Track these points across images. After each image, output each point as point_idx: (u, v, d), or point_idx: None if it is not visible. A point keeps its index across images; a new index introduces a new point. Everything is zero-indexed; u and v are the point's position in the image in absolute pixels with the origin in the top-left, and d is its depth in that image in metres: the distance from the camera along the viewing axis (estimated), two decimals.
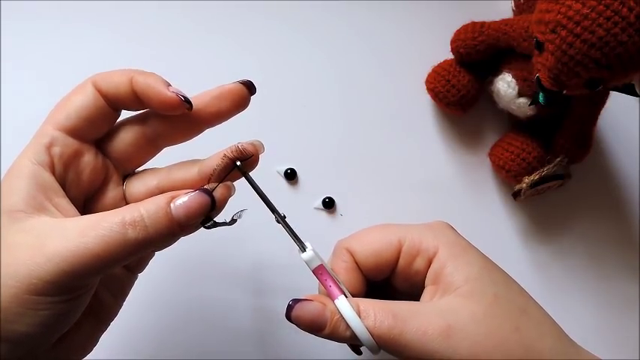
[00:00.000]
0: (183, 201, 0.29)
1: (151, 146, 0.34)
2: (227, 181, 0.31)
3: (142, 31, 0.48)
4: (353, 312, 0.31)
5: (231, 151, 0.31)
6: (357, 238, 0.36)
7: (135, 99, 0.31)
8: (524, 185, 0.45)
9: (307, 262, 0.32)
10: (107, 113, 0.32)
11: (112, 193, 0.33)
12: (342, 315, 0.31)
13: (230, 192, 0.32)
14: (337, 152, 0.48)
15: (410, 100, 0.49)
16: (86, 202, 0.33)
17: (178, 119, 0.32)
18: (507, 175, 0.46)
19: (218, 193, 0.30)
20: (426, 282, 0.34)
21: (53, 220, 0.28)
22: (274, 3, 0.49)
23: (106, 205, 0.33)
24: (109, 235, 0.27)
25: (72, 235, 0.27)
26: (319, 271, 0.32)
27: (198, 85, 0.47)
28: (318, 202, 0.47)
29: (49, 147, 0.30)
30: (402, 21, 0.50)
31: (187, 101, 0.31)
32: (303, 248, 0.32)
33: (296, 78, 0.49)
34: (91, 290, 0.30)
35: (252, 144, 0.32)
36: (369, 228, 0.37)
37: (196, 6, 0.49)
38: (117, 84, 0.31)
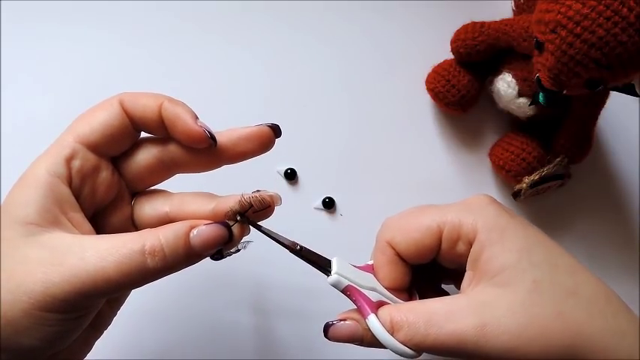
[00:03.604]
0: (202, 230, 0.29)
1: (166, 172, 0.34)
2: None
3: (142, 32, 0.48)
4: (383, 330, 0.31)
5: (250, 198, 0.31)
6: (396, 228, 0.35)
7: (160, 125, 0.31)
8: (524, 185, 0.45)
9: (334, 286, 0.32)
10: (130, 133, 0.32)
11: (121, 210, 0.33)
12: (373, 334, 0.31)
13: (246, 231, 0.32)
14: (337, 152, 0.48)
15: (410, 100, 0.49)
16: (94, 216, 0.32)
17: (200, 152, 0.32)
18: (507, 175, 0.46)
19: (235, 229, 0.31)
20: (467, 266, 0.33)
21: (70, 236, 0.28)
22: (275, 3, 0.49)
23: (114, 222, 0.33)
24: (128, 263, 0.27)
25: (91, 258, 0.27)
26: (347, 292, 0.32)
27: (199, 86, 0.47)
28: (318, 202, 0.47)
29: (69, 160, 0.30)
30: (402, 21, 0.50)
31: (212, 137, 0.31)
32: (327, 273, 0.32)
33: (296, 78, 0.49)
34: (99, 307, 0.30)
35: (270, 195, 0.32)
36: (407, 213, 0.36)
37: (196, 6, 0.49)
38: (144, 107, 0.31)
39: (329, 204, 0.47)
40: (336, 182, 0.48)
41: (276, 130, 0.33)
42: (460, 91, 0.46)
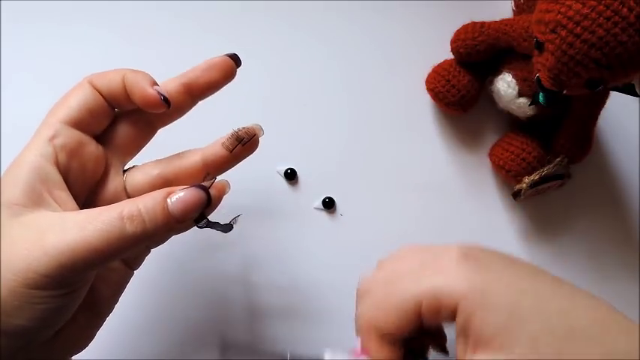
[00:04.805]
0: (180, 196, 0.29)
1: (148, 127, 0.35)
2: (237, 156, 0.34)
3: (141, 31, 0.48)
4: None
5: (235, 132, 0.33)
6: (375, 308, 0.32)
7: (127, 96, 0.33)
8: (524, 185, 0.45)
9: None
10: (105, 108, 0.33)
11: (112, 184, 0.34)
12: None
13: (225, 189, 0.33)
14: (337, 152, 0.48)
15: (410, 100, 0.49)
16: (88, 194, 0.33)
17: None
18: (507, 175, 0.46)
19: (214, 190, 0.31)
20: (456, 332, 0.31)
21: (52, 214, 0.29)
22: (275, 3, 0.49)
23: (108, 196, 0.33)
24: (108, 229, 0.28)
25: (71, 229, 0.27)
26: None
27: None
28: (318, 202, 0.47)
29: (52, 139, 0.31)
30: (402, 21, 0.50)
31: (166, 101, 0.32)
32: None
33: (296, 78, 0.49)
34: (88, 284, 0.30)
35: (253, 127, 0.34)
36: (382, 283, 0.33)
37: (196, 6, 0.49)
38: (110, 80, 0.33)
39: (329, 204, 0.47)
40: (336, 182, 0.48)
41: (235, 59, 0.35)
42: (460, 91, 0.46)
